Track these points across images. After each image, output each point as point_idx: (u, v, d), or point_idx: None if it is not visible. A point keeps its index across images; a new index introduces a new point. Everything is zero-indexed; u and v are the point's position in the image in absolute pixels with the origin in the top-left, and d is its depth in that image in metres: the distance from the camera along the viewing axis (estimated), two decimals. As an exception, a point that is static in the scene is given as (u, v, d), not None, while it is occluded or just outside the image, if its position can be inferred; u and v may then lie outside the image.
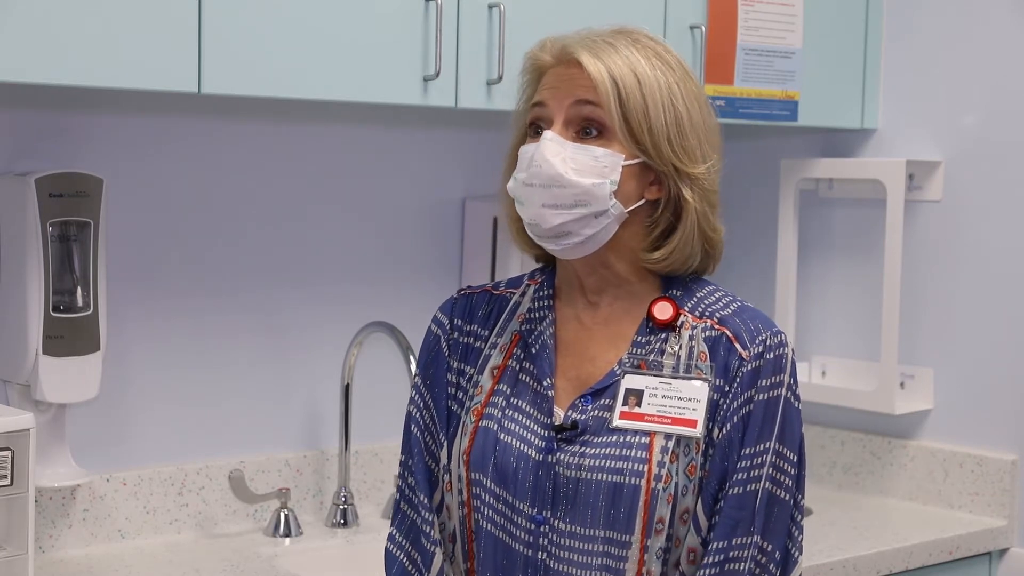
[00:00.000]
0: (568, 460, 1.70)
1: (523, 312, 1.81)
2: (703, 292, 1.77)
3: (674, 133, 1.70)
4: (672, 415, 1.69)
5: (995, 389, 2.96)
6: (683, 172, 1.71)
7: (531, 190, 1.70)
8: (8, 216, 2.37)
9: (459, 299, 1.86)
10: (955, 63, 3.01)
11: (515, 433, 1.74)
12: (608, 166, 1.69)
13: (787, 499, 1.71)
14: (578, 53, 1.71)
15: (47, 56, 2.05)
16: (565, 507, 1.70)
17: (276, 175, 2.75)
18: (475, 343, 1.83)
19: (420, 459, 1.82)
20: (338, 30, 2.33)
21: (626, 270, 1.76)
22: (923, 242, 3.04)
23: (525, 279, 1.86)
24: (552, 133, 1.70)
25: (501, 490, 1.73)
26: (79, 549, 2.51)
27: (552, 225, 1.70)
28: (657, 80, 1.70)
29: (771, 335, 1.72)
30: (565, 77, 1.72)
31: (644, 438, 1.69)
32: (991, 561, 2.93)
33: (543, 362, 1.76)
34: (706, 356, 1.72)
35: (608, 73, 1.69)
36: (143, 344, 2.60)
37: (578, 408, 1.73)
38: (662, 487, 1.67)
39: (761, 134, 3.19)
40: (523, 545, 1.72)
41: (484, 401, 1.78)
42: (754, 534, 1.68)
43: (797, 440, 1.73)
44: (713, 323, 1.73)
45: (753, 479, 1.68)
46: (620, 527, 1.68)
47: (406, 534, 1.82)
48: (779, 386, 1.71)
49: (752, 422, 1.69)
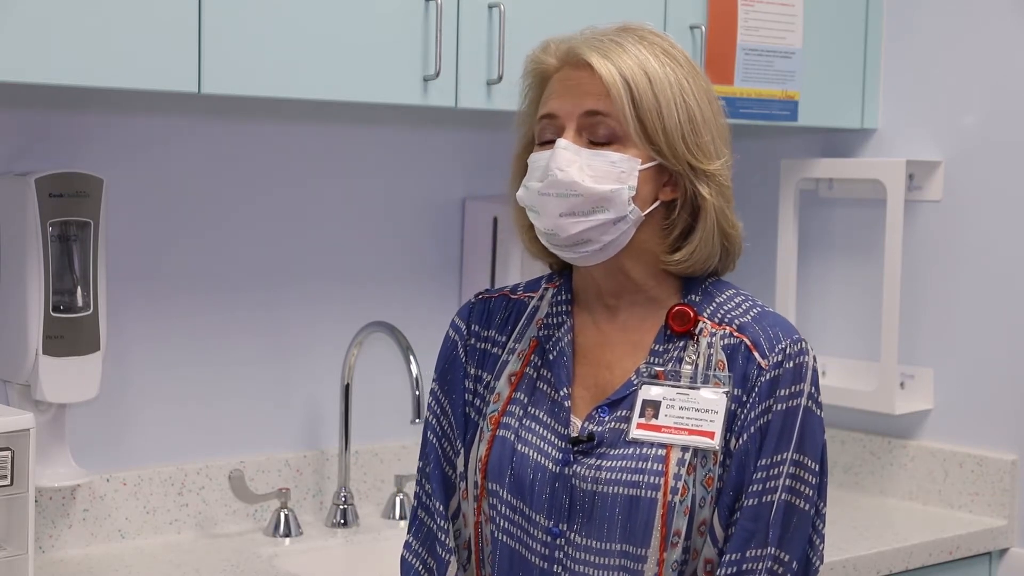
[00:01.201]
0: (585, 473, 1.68)
1: (541, 317, 1.78)
2: (723, 297, 1.73)
3: (688, 131, 1.67)
4: (689, 427, 1.66)
5: (995, 389, 2.96)
6: (699, 170, 1.68)
7: (547, 200, 1.67)
8: (8, 216, 2.37)
9: (476, 303, 1.83)
10: (955, 63, 3.01)
11: (532, 444, 1.71)
12: (625, 171, 1.66)
13: (807, 509, 1.68)
14: (587, 55, 1.67)
15: (47, 56, 2.05)
16: (581, 520, 1.68)
17: (276, 175, 2.75)
18: (492, 349, 1.80)
19: (437, 466, 1.80)
20: (338, 30, 2.33)
21: (643, 275, 1.72)
22: (923, 242, 3.04)
23: (543, 282, 1.82)
24: (566, 141, 1.66)
25: (517, 501, 1.71)
26: (79, 549, 2.51)
27: (570, 234, 1.67)
28: (667, 78, 1.67)
29: (791, 343, 1.68)
30: (574, 82, 1.68)
31: (661, 450, 1.66)
32: (991, 561, 2.93)
33: (560, 370, 1.73)
34: (724, 365, 1.68)
35: (620, 75, 1.65)
36: (143, 344, 2.60)
37: (595, 419, 1.70)
38: (679, 500, 1.64)
39: (761, 134, 3.18)
40: (539, 557, 1.70)
41: (502, 409, 1.75)
42: (769, 545, 1.65)
43: (819, 449, 1.69)
44: (732, 330, 1.69)
45: (768, 491, 1.65)
46: (637, 540, 1.65)
47: (423, 542, 1.80)
48: (799, 396, 1.67)
49: (770, 433, 1.66)
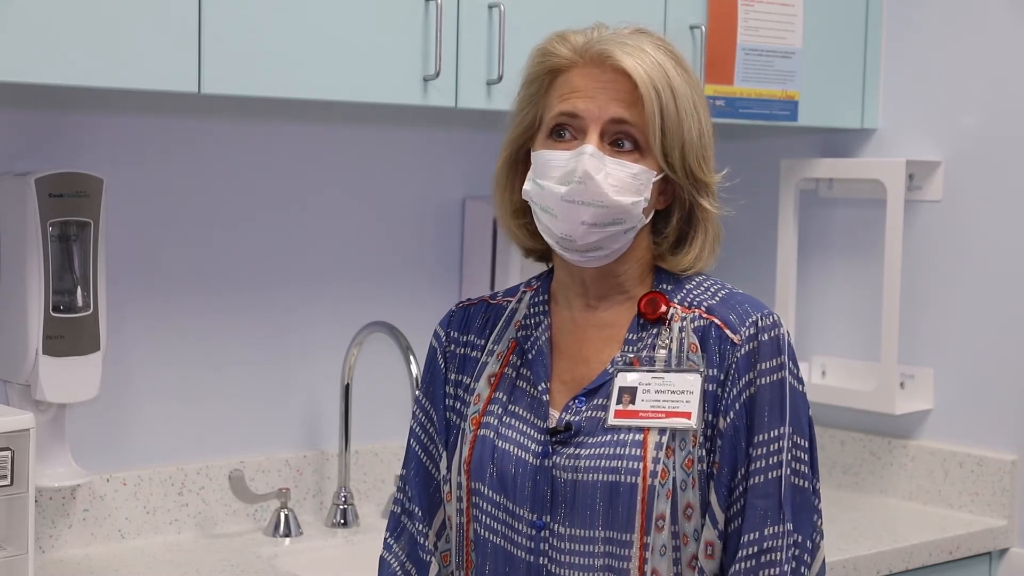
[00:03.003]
0: (564, 463, 1.69)
1: (519, 319, 1.79)
2: (692, 283, 1.75)
3: (699, 147, 1.68)
4: (667, 409, 1.67)
5: (995, 389, 2.96)
6: (702, 182, 1.70)
7: (572, 207, 1.66)
8: (8, 216, 2.37)
9: (456, 312, 1.85)
10: (955, 63, 3.01)
11: (512, 439, 1.72)
12: (643, 183, 1.67)
13: (806, 486, 1.69)
14: (619, 57, 1.65)
15: (47, 56, 2.05)
16: (564, 510, 1.68)
17: (276, 175, 2.75)
18: (472, 353, 1.81)
19: (418, 472, 1.81)
20: (338, 30, 2.33)
21: (631, 278, 1.74)
22: (923, 242, 3.04)
23: (521, 287, 1.84)
24: (593, 147, 1.65)
25: (501, 497, 1.72)
26: (79, 549, 2.51)
27: (588, 242, 1.67)
28: (686, 92, 1.67)
29: (762, 316, 1.69)
30: (602, 84, 1.66)
31: (638, 435, 1.67)
32: (991, 561, 2.93)
33: (538, 366, 1.75)
34: (697, 347, 1.69)
35: (652, 85, 1.64)
36: (143, 344, 2.60)
37: (572, 409, 1.71)
38: (659, 483, 1.65)
39: (761, 134, 3.18)
40: (525, 551, 1.70)
41: (482, 409, 1.76)
42: (785, 522, 1.65)
43: (805, 424, 1.70)
44: (701, 312, 1.71)
45: (773, 466, 1.66)
46: (619, 526, 1.66)
47: (403, 545, 1.81)
48: (781, 368, 1.68)
49: (758, 407, 1.66)
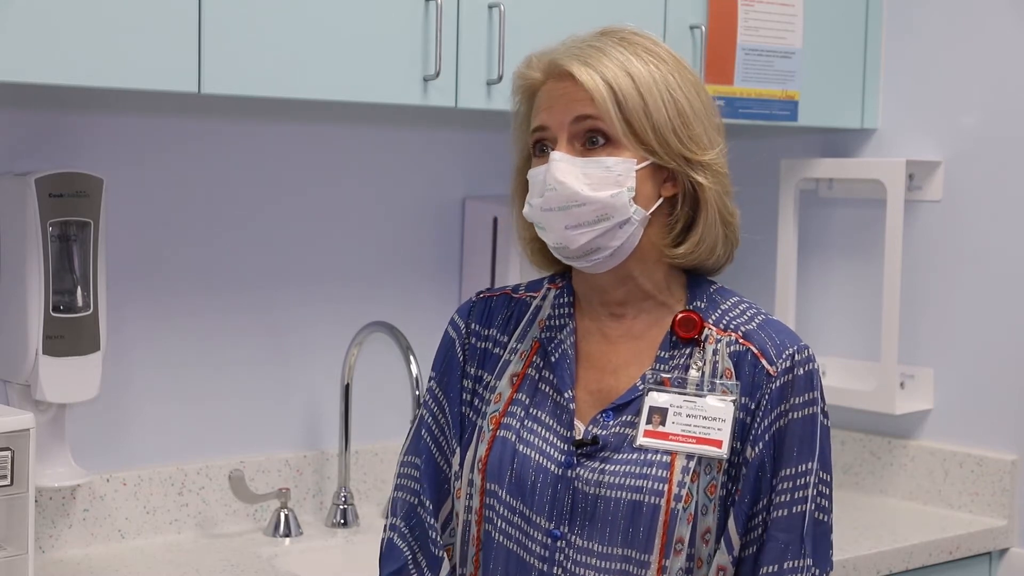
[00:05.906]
0: (588, 476, 1.68)
1: (543, 318, 1.78)
2: (727, 304, 1.74)
3: (679, 125, 1.67)
4: (697, 435, 1.66)
5: (995, 389, 2.96)
6: (694, 161, 1.68)
7: (550, 215, 1.67)
8: (8, 216, 2.37)
9: (477, 302, 1.83)
10: (955, 63, 3.01)
11: (534, 445, 1.71)
12: (622, 174, 1.66)
13: (826, 519, 1.71)
14: (568, 65, 1.68)
15: (47, 56, 2.05)
16: (583, 523, 1.67)
17: (276, 175, 2.75)
18: (494, 349, 1.79)
19: (430, 464, 1.79)
20: (338, 30, 2.33)
21: (652, 282, 1.73)
22: (923, 242, 3.04)
23: (545, 283, 1.82)
24: (560, 153, 1.67)
25: (517, 503, 1.70)
26: (79, 549, 2.51)
27: (579, 245, 1.67)
28: (652, 75, 1.67)
29: (798, 350, 1.69)
30: (559, 93, 1.69)
31: (666, 457, 1.66)
32: (991, 561, 2.93)
33: (563, 372, 1.73)
34: (731, 373, 1.69)
35: (602, 80, 1.66)
36: (143, 344, 2.60)
37: (599, 423, 1.70)
38: (682, 507, 1.64)
39: (761, 134, 3.18)
40: (538, 559, 1.69)
41: (503, 410, 1.74)
42: (805, 557, 1.67)
43: (830, 459, 1.71)
44: (738, 337, 1.70)
45: (798, 501, 1.67)
46: (639, 546, 1.65)
47: (413, 531, 1.77)
48: (812, 404, 1.68)
49: (788, 441, 1.67)
